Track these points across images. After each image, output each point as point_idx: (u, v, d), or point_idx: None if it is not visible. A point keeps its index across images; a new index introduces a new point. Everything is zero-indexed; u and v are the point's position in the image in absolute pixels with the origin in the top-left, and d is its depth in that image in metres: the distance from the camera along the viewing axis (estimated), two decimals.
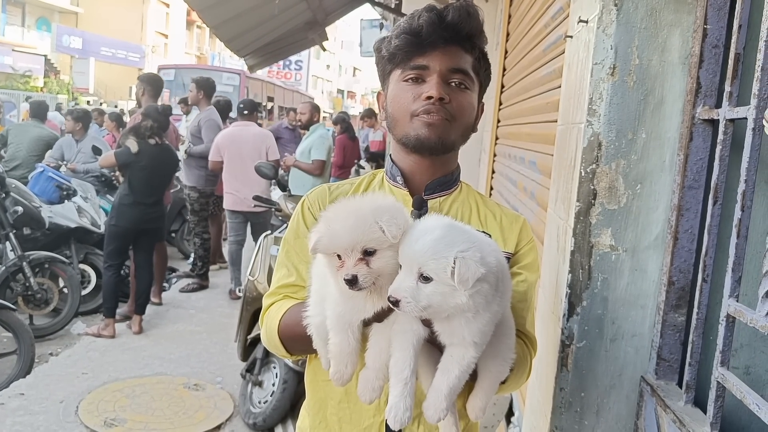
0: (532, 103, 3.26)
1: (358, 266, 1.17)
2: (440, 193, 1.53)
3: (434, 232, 1.14)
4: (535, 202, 2.95)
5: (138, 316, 5.84)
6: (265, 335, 1.54)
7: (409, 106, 1.45)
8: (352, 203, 1.25)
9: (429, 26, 1.42)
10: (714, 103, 1.63)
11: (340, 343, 1.25)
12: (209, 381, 4.85)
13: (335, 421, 1.52)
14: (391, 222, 1.17)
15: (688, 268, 1.69)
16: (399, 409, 1.18)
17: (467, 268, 1.09)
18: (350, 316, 1.23)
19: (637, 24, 1.70)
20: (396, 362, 1.21)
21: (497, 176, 4.61)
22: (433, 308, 1.13)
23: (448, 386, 1.20)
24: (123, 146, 5.68)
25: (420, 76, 1.45)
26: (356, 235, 1.17)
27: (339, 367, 1.25)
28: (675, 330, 1.71)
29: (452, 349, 1.21)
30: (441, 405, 1.20)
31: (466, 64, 1.47)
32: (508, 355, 1.33)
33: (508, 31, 4.63)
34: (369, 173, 1.63)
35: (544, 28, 3.02)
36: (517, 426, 2.86)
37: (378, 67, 1.57)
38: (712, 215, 1.53)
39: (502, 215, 1.57)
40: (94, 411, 4.27)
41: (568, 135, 2.00)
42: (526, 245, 1.55)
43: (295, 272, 1.53)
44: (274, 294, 1.56)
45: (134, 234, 5.74)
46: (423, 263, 1.11)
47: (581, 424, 1.83)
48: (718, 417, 1.43)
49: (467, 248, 1.12)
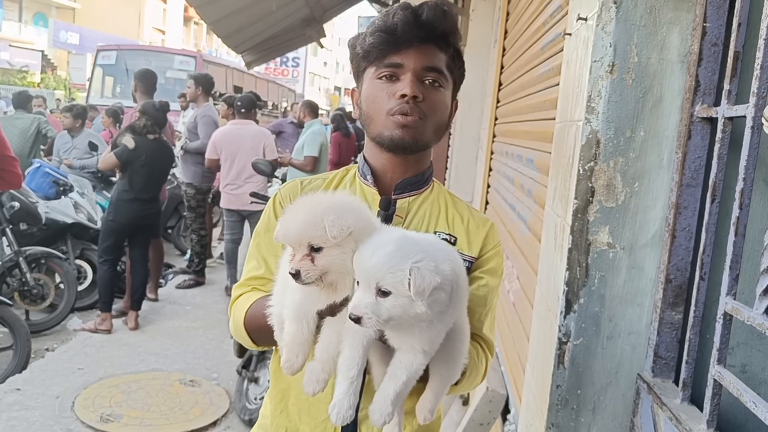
0: (530, 101, 3.26)
1: (303, 261, 1.19)
2: (410, 192, 1.53)
3: (387, 246, 1.15)
4: (532, 199, 2.95)
5: (134, 312, 5.83)
6: (232, 326, 1.56)
7: (383, 105, 1.45)
8: (312, 198, 1.27)
9: (404, 24, 1.42)
10: (713, 102, 1.63)
11: (294, 332, 1.26)
12: (205, 377, 4.85)
13: (295, 412, 1.53)
14: (335, 222, 1.18)
15: (686, 266, 1.69)
16: (342, 407, 1.21)
17: (422, 278, 1.11)
18: (306, 307, 1.25)
19: (636, 22, 1.70)
20: (344, 360, 1.23)
21: (494, 174, 4.61)
22: (394, 320, 1.14)
23: (394, 391, 1.23)
24: (120, 145, 5.66)
25: (394, 74, 1.45)
26: (303, 231, 1.19)
27: (290, 356, 1.26)
28: (672, 328, 1.71)
29: (401, 355, 1.24)
30: (387, 409, 1.22)
31: (441, 63, 1.48)
32: (459, 360, 1.35)
33: (507, 28, 4.62)
34: (343, 168, 1.63)
35: (543, 26, 3.02)
36: (513, 423, 2.86)
37: (352, 64, 1.57)
38: (710, 213, 1.53)
39: (470, 218, 1.57)
40: (90, 406, 4.27)
41: (566, 132, 2.00)
42: (491, 250, 1.55)
43: (264, 265, 1.55)
44: (242, 285, 1.58)
45: (131, 230, 5.74)
46: (380, 278, 1.12)
47: (577, 421, 1.83)
48: (714, 415, 1.43)
49: (421, 258, 1.13)
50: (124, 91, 15.44)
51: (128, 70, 14.93)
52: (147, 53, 16.99)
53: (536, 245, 2.54)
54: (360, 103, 1.54)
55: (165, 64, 15.46)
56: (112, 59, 16.10)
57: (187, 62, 15.91)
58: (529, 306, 2.59)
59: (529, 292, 2.63)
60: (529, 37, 3.41)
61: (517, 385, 2.83)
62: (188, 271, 7.48)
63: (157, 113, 5.92)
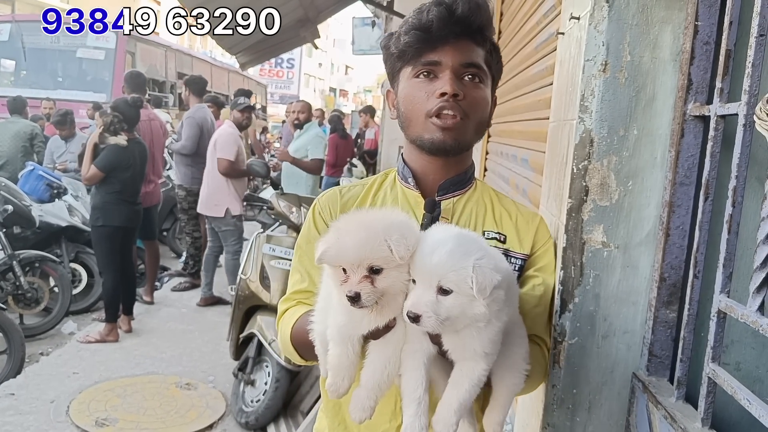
0: (524, 101, 3.26)
1: (362, 283, 1.13)
2: (453, 193, 1.49)
3: (447, 244, 1.12)
4: (527, 199, 2.95)
5: (126, 316, 5.81)
6: (280, 342, 1.52)
7: (422, 105, 1.40)
8: (364, 216, 1.22)
9: (439, 21, 1.38)
10: (705, 100, 1.63)
11: (339, 355, 1.22)
12: (201, 380, 4.84)
13: (354, 424, 1.50)
14: (400, 242, 1.13)
15: (680, 265, 1.69)
16: (414, 429, 1.17)
17: (484, 276, 1.08)
18: (350, 330, 1.21)
19: (628, 20, 1.70)
20: (407, 382, 1.20)
21: (489, 174, 4.61)
22: (451, 320, 1.11)
23: (458, 401, 1.19)
24: (107, 146, 5.47)
25: (432, 72, 1.41)
26: (364, 252, 1.13)
27: (336, 380, 1.23)
28: (666, 326, 1.71)
29: (462, 363, 1.20)
30: (451, 420, 1.19)
31: (479, 58, 1.44)
32: (522, 366, 1.32)
33: (500, 28, 4.63)
34: (381, 173, 1.60)
35: (536, 26, 3.02)
36: (509, 423, 2.86)
37: (386, 65, 1.52)
38: (704, 211, 1.53)
39: (518, 214, 1.52)
40: (85, 411, 4.25)
41: (559, 132, 2.00)
42: (543, 246, 1.51)
43: (308, 278, 1.51)
44: (288, 300, 1.54)
45: (122, 233, 5.62)
46: (443, 276, 1.09)
47: (573, 420, 1.83)
48: (709, 413, 1.43)
49: (482, 256, 1.11)
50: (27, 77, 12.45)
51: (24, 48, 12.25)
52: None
53: None
54: (397, 104, 1.49)
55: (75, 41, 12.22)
56: (5, 35, 12.43)
57: (104, 39, 12.22)
58: None
59: None
60: (523, 37, 3.41)
61: None
62: (184, 274, 7.47)
63: (130, 109, 5.73)
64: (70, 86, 12.22)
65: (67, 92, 11.80)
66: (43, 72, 12.52)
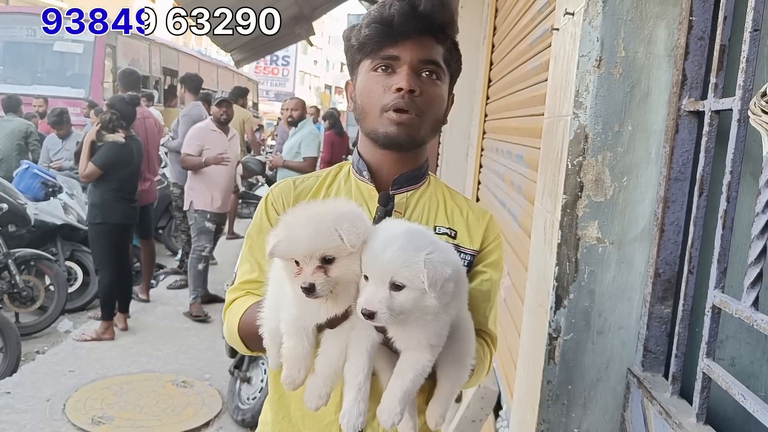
0: (519, 97, 3.26)
1: (316, 274, 1.14)
2: (407, 187, 1.51)
3: (398, 240, 1.13)
4: (522, 195, 2.96)
5: (122, 314, 5.79)
6: (226, 331, 1.53)
7: (379, 99, 1.41)
8: (313, 208, 1.23)
9: (401, 16, 1.39)
10: (699, 95, 1.63)
11: (294, 347, 1.23)
12: (197, 378, 4.83)
13: (299, 417, 1.51)
14: (350, 230, 1.15)
15: (674, 260, 1.69)
16: (352, 414, 1.20)
17: (435, 270, 1.11)
18: (305, 321, 1.22)
19: (623, 16, 1.70)
20: (350, 367, 1.22)
21: (485, 170, 4.61)
22: (405, 314, 1.14)
23: (402, 390, 1.21)
24: (104, 144, 5.45)
25: (390, 66, 1.41)
26: (315, 243, 1.14)
27: (291, 372, 1.24)
28: (661, 322, 1.71)
29: (407, 354, 1.22)
30: (395, 409, 1.21)
31: (438, 55, 1.44)
32: (467, 360, 1.34)
33: (495, 24, 4.63)
34: (335, 165, 1.60)
35: (531, 22, 3.02)
36: (505, 419, 2.86)
37: (347, 57, 1.53)
38: (698, 207, 1.53)
39: (470, 210, 1.54)
40: (82, 409, 4.24)
41: (554, 128, 2.00)
42: (492, 242, 1.53)
43: (258, 268, 1.51)
44: (237, 289, 1.55)
45: (120, 230, 5.60)
46: (395, 272, 1.11)
47: (568, 416, 1.83)
48: (703, 408, 1.43)
49: (432, 251, 1.13)
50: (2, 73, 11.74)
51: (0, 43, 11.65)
52: (25, 17, 12.15)
53: (526, 241, 2.54)
54: (354, 96, 1.51)
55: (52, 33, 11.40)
56: None
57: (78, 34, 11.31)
58: (519, 302, 2.59)
59: (520, 288, 2.64)
60: (518, 33, 3.41)
61: (508, 381, 2.83)
62: (179, 272, 7.45)
63: (126, 107, 5.68)
64: (48, 81, 11.52)
65: (44, 88, 11.14)
66: (20, 66, 11.80)
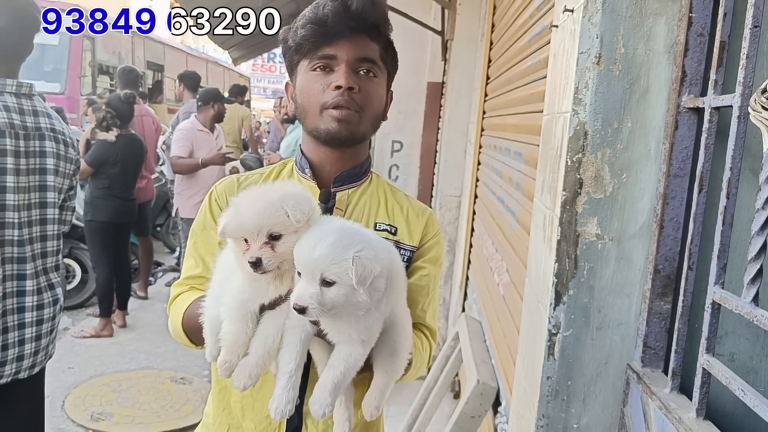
0: (518, 94, 3.26)
1: (263, 249, 1.19)
2: (349, 185, 1.54)
3: (329, 237, 1.17)
4: (521, 192, 2.96)
5: (121, 311, 5.80)
6: (171, 326, 1.55)
7: (318, 98, 1.45)
8: (260, 189, 1.28)
9: (334, 16, 1.43)
10: (699, 92, 1.64)
11: (236, 331, 1.25)
12: (196, 374, 4.84)
13: (238, 409, 1.53)
14: (296, 207, 1.20)
15: (674, 257, 1.69)
16: (281, 401, 1.22)
17: (364, 267, 1.14)
18: (252, 303, 1.25)
19: (622, 13, 1.70)
20: (283, 356, 1.25)
21: (483, 168, 4.61)
22: (336, 309, 1.17)
23: (332, 382, 1.25)
24: (96, 142, 5.49)
25: (328, 65, 1.45)
26: (262, 219, 1.19)
27: (230, 357, 1.25)
28: (661, 318, 1.72)
29: (340, 347, 1.26)
30: (325, 400, 1.24)
31: (374, 53, 1.48)
32: (403, 354, 1.37)
33: (493, 22, 4.62)
34: (280, 162, 1.63)
35: (530, 19, 3.02)
36: (504, 415, 2.87)
37: (285, 58, 1.57)
38: (698, 203, 1.54)
39: (410, 208, 1.58)
40: (81, 405, 4.25)
41: (554, 125, 2.00)
42: (431, 239, 1.57)
43: (202, 264, 1.54)
44: (181, 284, 1.57)
45: (114, 227, 5.61)
46: (324, 269, 1.15)
47: (568, 412, 1.83)
48: (703, 403, 1.44)
49: (362, 248, 1.16)
50: None
51: None
52: None
53: (525, 238, 2.54)
54: (295, 96, 1.54)
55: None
56: None
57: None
58: (518, 298, 2.59)
59: (519, 285, 2.64)
60: (516, 30, 3.41)
61: (507, 377, 2.84)
62: (177, 269, 7.44)
63: (123, 105, 5.71)
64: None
65: None
66: None
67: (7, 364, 2.22)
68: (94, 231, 5.54)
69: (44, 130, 2.27)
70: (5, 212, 2.13)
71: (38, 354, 2.35)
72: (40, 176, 2.25)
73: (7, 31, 2.22)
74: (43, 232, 2.28)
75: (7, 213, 2.14)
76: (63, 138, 2.35)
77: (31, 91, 2.29)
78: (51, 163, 2.28)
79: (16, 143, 2.16)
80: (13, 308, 2.22)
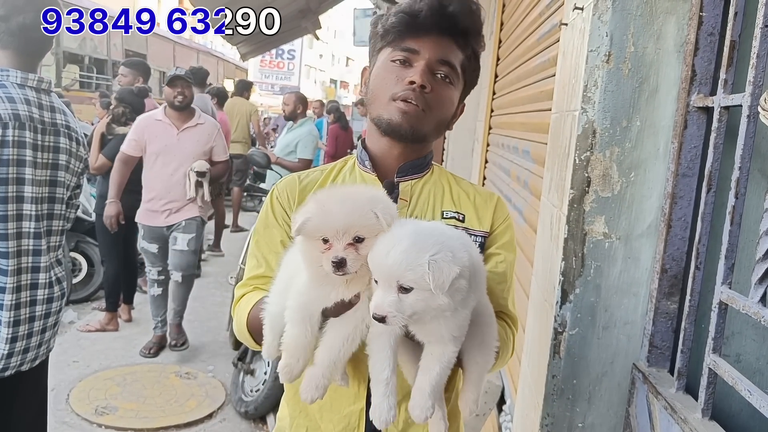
0: (526, 93, 3.26)
1: (348, 250, 1.16)
2: (412, 176, 1.52)
3: (402, 242, 1.13)
4: (528, 191, 2.95)
5: (126, 306, 5.81)
6: (236, 327, 1.53)
7: (390, 88, 1.43)
8: (346, 189, 1.25)
9: (428, 10, 1.41)
10: (709, 91, 1.63)
11: (297, 335, 1.23)
12: (201, 369, 4.85)
13: (316, 409, 1.50)
14: (386, 211, 1.17)
15: (681, 256, 1.69)
16: (383, 410, 1.20)
17: (441, 270, 1.10)
18: (314, 305, 1.22)
19: (632, 11, 1.69)
20: (374, 364, 1.22)
21: (490, 166, 4.61)
22: (418, 315, 1.14)
23: (430, 385, 1.22)
24: (115, 137, 5.48)
25: (408, 59, 1.43)
26: (352, 219, 1.16)
27: (291, 361, 1.23)
28: (667, 317, 1.71)
29: (431, 347, 1.23)
30: (426, 404, 1.21)
31: (456, 59, 1.46)
32: (491, 344, 1.34)
33: (502, 20, 4.62)
34: (341, 160, 1.62)
35: (539, 17, 3.01)
36: (508, 414, 2.87)
37: (370, 42, 1.55)
38: (706, 203, 1.53)
39: (476, 194, 1.56)
40: (85, 399, 4.26)
41: (562, 123, 1.99)
42: (502, 223, 1.54)
43: (265, 263, 1.52)
44: (244, 285, 1.55)
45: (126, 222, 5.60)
46: (400, 275, 1.11)
47: (573, 411, 1.83)
48: (709, 404, 1.43)
49: (438, 251, 1.12)
50: None
51: None
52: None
53: (532, 236, 2.54)
54: (368, 81, 1.53)
55: None
56: None
57: None
58: (524, 296, 2.59)
59: (525, 283, 2.64)
60: (525, 29, 3.40)
61: (512, 375, 2.84)
62: None
63: (135, 99, 5.71)
64: None
65: None
66: None
67: (13, 356, 2.23)
68: (103, 225, 5.53)
69: (59, 126, 2.29)
70: (23, 204, 2.14)
71: (41, 347, 2.36)
72: (52, 171, 2.26)
73: (31, 27, 2.24)
74: (49, 226, 2.29)
75: (25, 205, 2.15)
76: (75, 136, 2.37)
77: (49, 87, 2.31)
78: (63, 159, 2.30)
79: (35, 136, 2.17)
80: (27, 301, 2.23)
